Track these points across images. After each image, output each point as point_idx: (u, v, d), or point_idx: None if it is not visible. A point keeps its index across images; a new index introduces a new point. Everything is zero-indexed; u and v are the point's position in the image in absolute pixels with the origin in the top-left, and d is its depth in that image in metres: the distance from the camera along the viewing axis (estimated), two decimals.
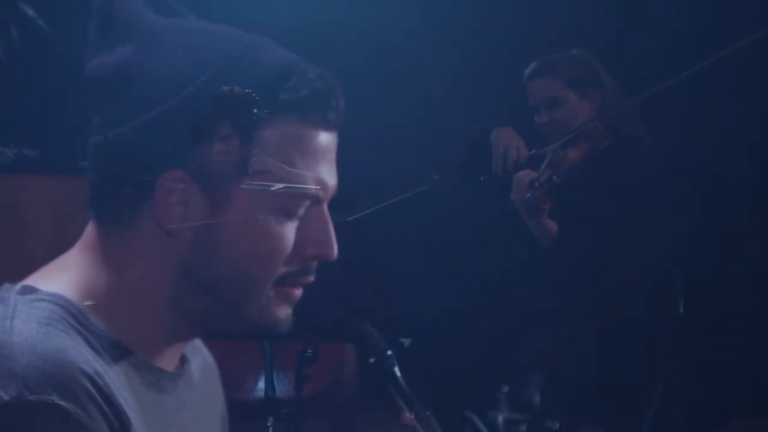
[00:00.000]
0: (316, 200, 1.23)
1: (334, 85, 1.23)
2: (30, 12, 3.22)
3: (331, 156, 1.25)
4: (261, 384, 2.84)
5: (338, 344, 3.28)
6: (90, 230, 1.25)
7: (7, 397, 1.06)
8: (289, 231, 1.22)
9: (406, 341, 2.43)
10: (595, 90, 3.13)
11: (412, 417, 1.46)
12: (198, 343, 1.37)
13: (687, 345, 3.16)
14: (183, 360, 1.30)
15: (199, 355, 1.37)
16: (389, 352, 1.45)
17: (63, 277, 1.21)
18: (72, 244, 1.25)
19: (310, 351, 2.51)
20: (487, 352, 2.99)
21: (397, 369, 1.43)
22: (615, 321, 2.98)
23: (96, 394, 1.09)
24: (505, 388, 2.80)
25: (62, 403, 1.06)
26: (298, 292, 1.26)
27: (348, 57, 5.24)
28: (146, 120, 1.18)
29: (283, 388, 2.89)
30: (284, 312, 1.26)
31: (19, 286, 1.19)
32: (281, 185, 1.19)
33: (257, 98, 1.17)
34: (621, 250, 2.99)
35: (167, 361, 1.26)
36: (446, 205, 4.65)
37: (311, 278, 1.26)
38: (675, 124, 3.87)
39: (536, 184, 2.96)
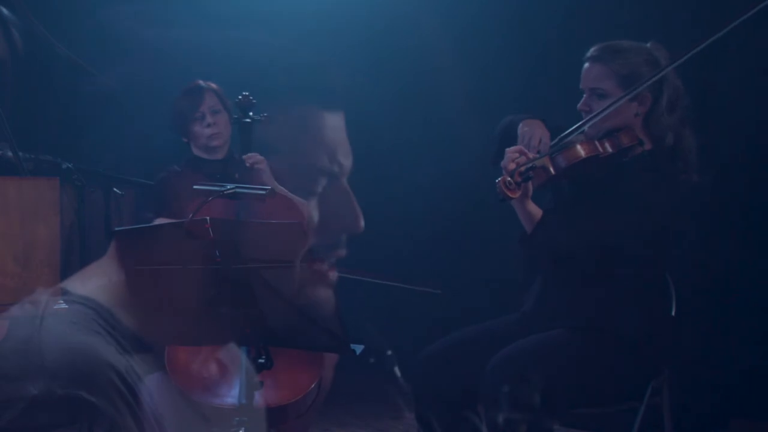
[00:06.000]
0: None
1: None
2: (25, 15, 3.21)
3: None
4: None
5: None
6: None
7: (35, 391, 1.08)
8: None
9: (358, 348, 2.41)
10: (649, 93, 2.95)
11: None
12: None
13: (683, 346, 3.17)
14: None
15: None
16: (389, 352, 1.45)
17: (94, 282, 1.23)
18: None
19: (263, 358, 2.46)
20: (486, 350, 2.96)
21: (397, 369, 1.43)
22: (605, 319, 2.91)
23: (124, 390, 1.11)
24: (506, 388, 2.76)
25: (90, 397, 1.08)
26: (333, 274, 1.29)
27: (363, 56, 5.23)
28: None
29: None
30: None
31: (52, 288, 1.21)
32: None
33: None
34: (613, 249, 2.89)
35: None
36: None
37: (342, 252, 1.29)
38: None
39: (516, 170, 2.81)
